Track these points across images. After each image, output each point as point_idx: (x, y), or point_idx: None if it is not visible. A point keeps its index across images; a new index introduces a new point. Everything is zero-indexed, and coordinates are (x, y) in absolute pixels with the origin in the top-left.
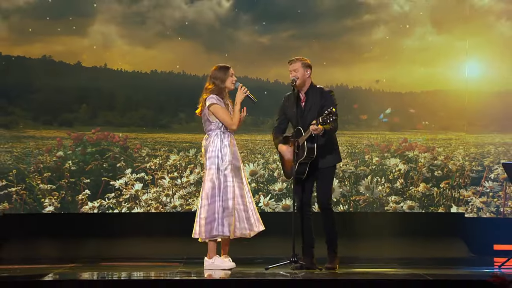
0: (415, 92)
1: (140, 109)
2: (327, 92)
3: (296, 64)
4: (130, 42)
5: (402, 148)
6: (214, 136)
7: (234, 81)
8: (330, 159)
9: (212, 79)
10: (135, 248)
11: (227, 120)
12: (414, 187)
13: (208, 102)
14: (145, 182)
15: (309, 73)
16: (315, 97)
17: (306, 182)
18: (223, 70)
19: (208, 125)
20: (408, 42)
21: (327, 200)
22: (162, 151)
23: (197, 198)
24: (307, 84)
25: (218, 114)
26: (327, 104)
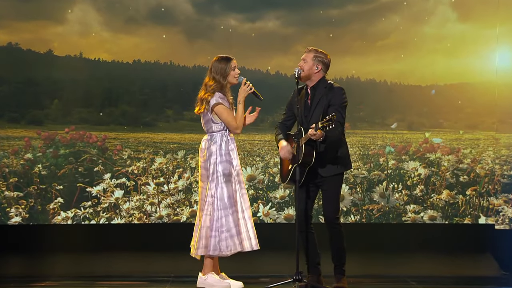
0: (437, 85)
1: (121, 105)
2: (337, 88)
3: (308, 54)
4: (110, 28)
5: (423, 149)
6: (220, 138)
7: (237, 75)
8: (335, 166)
9: (212, 74)
10: (115, 264)
11: (232, 123)
12: (436, 195)
13: (213, 101)
14: (126, 189)
15: (319, 69)
16: (322, 93)
17: (307, 191)
18: (224, 62)
19: (211, 125)
20: (428, 28)
21: (333, 214)
22: (146, 153)
23: (186, 207)
24: (314, 79)
25: (222, 116)
26: (334, 102)
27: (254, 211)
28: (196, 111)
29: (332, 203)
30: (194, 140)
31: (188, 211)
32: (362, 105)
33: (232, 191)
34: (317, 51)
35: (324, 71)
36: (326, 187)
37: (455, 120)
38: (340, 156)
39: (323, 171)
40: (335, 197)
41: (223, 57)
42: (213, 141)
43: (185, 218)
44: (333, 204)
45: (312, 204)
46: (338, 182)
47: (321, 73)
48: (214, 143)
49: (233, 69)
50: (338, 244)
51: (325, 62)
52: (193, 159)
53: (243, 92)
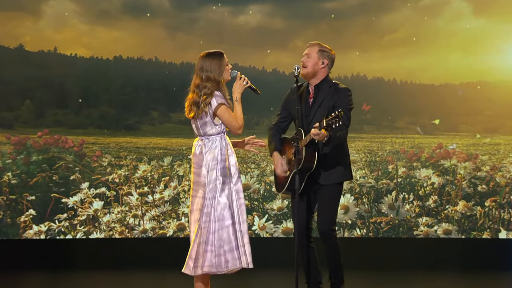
0: (452, 84)
1: (101, 105)
2: (343, 89)
3: (311, 49)
4: (87, 21)
5: (436, 155)
6: (219, 142)
7: (230, 71)
8: (336, 174)
9: (204, 72)
10: (94, 283)
11: (235, 124)
12: (451, 206)
13: (215, 103)
14: (106, 200)
15: (325, 64)
16: (326, 93)
17: (307, 201)
18: (217, 59)
19: (209, 128)
20: (442, 21)
21: (328, 225)
22: (128, 160)
23: (173, 220)
24: (319, 76)
25: (225, 117)
26: (340, 103)
27: (249, 224)
28: (191, 116)
29: (327, 214)
30: (182, 145)
31: (175, 224)
32: (366, 104)
33: (230, 201)
34: (321, 45)
35: (329, 68)
36: (322, 195)
37: (472, 123)
38: (342, 164)
39: (322, 178)
40: (331, 207)
41: (214, 52)
42: (212, 146)
43: (172, 232)
44: (328, 214)
45: (310, 214)
46: (337, 192)
47: (326, 70)
48: (213, 147)
49: (227, 65)
50: (334, 260)
51: (331, 58)
52: (180, 167)
53: (238, 88)
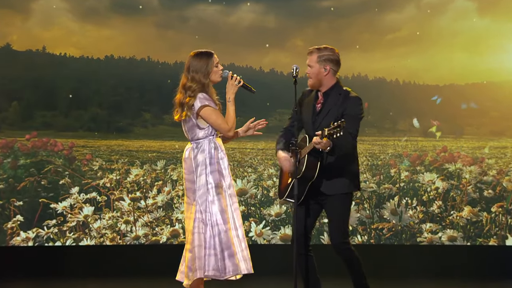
0: (457, 84)
1: (91, 107)
2: (353, 98)
3: (310, 58)
4: (77, 19)
5: (440, 159)
6: (207, 145)
7: (220, 71)
8: (340, 184)
9: (191, 73)
10: None
11: (223, 126)
12: (456, 212)
13: (197, 104)
14: (97, 205)
15: (327, 70)
16: (335, 101)
17: (306, 208)
18: (204, 59)
19: (196, 132)
20: (446, 20)
21: (340, 239)
22: (120, 164)
23: (167, 226)
24: (326, 84)
25: (211, 119)
26: (349, 112)
27: (245, 231)
28: (177, 118)
29: (336, 226)
30: (176, 149)
31: (169, 231)
32: (368, 104)
33: (225, 206)
34: (320, 49)
35: (334, 70)
36: (330, 207)
37: (477, 125)
38: (349, 174)
39: (327, 188)
40: (339, 219)
41: (202, 52)
42: (200, 150)
43: (165, 239)
44: (337, 227)
45: (312, 223)
46: (344, 202)
47: (332, 74)
48: (201, 151)
49: (216, 66)
50: (353, 272)
51: (333, 59)
52: (174, 171)
53: (231, 88)
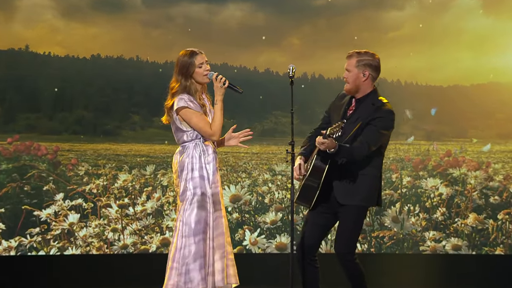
0: (462, 85)
1: (77, 109)
2: (385, 111)
3: (349, 62)
4: (63, 16)
5: (444, 164)
6: (192, 149)
7: (206, 72)
8: (357, 195)
9: (175, 73)
10: None
11: (205, 129)
12: (461, 219)
13: (176, 105)
14: (83, 212)
15: (366, 76)
16: (366, 111)
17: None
18: (186, 59)
19: (180, 135)
20: (451, 17)
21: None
22: (107, 169)
23: (156, 234)
24: (362, 90)
25: (191, 121)
26: (375, 123)
27: (239, 239)
28: (164, 120)
29: (343, 238)
30: (166, 153)
31: (159, 239)
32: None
33: (203, 215)
34: (360, 54)
35: (373, 77)
36: (341, 217)
37: (483, 127)
38: (366, 186)
39: (342, 197)
40: (348, 231)
41: (188, 52)
42: (185, 153)
43: (155, 248)
44: (344, 238)
45: (322, 232)
46: (357, 215)
47: (370, 81)
48: (186, 155)
49: (200, 66)
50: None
51: (373, 65)
52: (164, 176)
53: (218, 90)
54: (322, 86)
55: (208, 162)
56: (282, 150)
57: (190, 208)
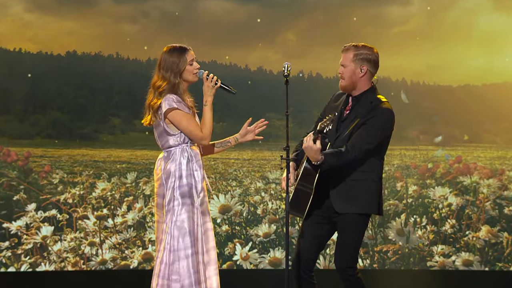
0: (473, 85)
1: (51, 111)
2: (383, 109)
3: (345, 56)
4: (35, 9)
5: (454, 171)
6: (179, 155)
7: (196, 70)
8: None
9: (161, 70)
10: None
11: (196, 133)
12: (472, 232)
13: (165, 107)
14: (57, 224)
15: (364, 72)
16: (363, 109)
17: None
18: (176, 55)
19: (166, 139)
20: (461, 11)
21: (344, 265)
22: (84, 176)
23: (138, 248)
24: (360, 87)
25: (181, 124)
26: (372, 122)
27: (229, 254)
28: (145, 122)
29: (344, 250)
30: (149, 159)
31: (141, 254)
32: None
33: (193, 226)
34: (357, 47)
35: (372, 73)
36: (340, 227)
37: (496, 131)
38: (366, 191)
39: (339, 205)
40: (348, 242)
41: (175, 47)
42: (170, 159)
43: (137, 264)
44: (344, 251)
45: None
46: (357, 224)
47: (368, 77)
48: (172, 162)
49: (190, 64)
50: None
51: (371, 59)
52: (147, 184)
53: (208, 90)
54: (320, 85)
55: (196, 169)
56: (276, 156)
57: (179, 220)
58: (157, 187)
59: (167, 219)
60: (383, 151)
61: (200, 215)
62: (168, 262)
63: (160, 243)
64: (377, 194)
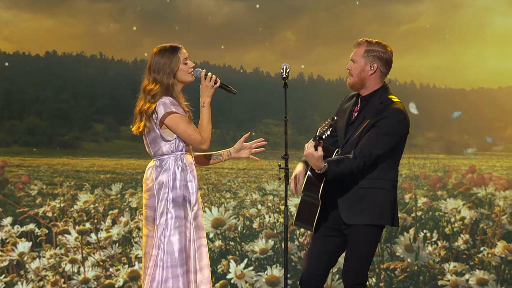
0: (488, 89)
1: (28, 116)
2: (393, 110)
3: (357, 50)
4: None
5: (467, 182)
6: (172, 164)
7: (191, 69)
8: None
9: (152, 73)
10: None
11: (195, 137)
12: (487, 248)
13: (161, 110)
14: (35, 240)
15: (374, 69)
16: (373, 110)
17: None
18: (168, 55)
19: (159, 146)
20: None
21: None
22: (65, 188)
23: (124, 266)
24: (369, 86)
25: (179, 128)
26: (380, 125)
27: (222, 272)
28: (135, 130)
29: (353, 265)
30: (136, 168)
31: (127, 272)
32: None
33: (185, 242)
34: (371, 43)
35: (383, 72)
36: (351, 239)
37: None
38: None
39: (347, 215)
40: (358, 256)
41: (165, 47)
42: (163, 169)
43: (122, 282)
44: (353, 265)
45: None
46: (368, 237)
47: (379, 76)
48: (165, 171)
49: (184, 63)
50: None
51: (384, 58)
52: (133, 196)
53: (206, 90)
54: (321, 89)
55: (190, 179)
56: (274, 165)
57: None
58: (146, 198)
59: (158, 233)
60: (396, 156)
61: (193, 230)
62: (160, 280)
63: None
64: (391, 203)
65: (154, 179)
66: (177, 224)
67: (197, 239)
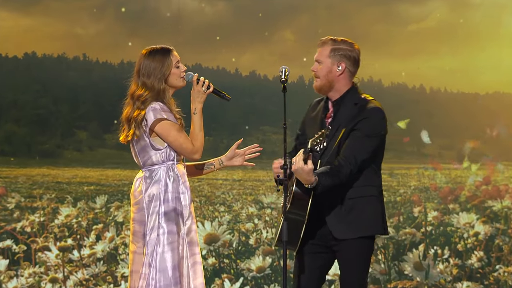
0: (503, 93)
1: (5, 123)
2: (372, 110)
3: (321, 50)
4: None
5: (481, 194)
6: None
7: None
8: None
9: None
10: None
11: (186, 146)
12: (503, 266)
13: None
14: (13, 257)
15: (342, 69)
16: (348, 113)
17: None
18: (158, 58)
19: (148, 155)
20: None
21: None
22: (45, 201)
23: (109, 285)
24: (338, 88)
25: (170, 137)
26: (361, 127)
27: None
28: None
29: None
30: (122, 179)
31: None
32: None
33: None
34: (336, 41)
35: (351, 72)
36: (341, 256)
37: None
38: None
39: (337, 230)
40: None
41: (156, 49)
42: (153, 179)
43: None
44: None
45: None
46: (361, 249)
47: (348, 76)
48: (155, 182)
49: (176, 66)
50: None
51: (351, 56)
52: (119, 209)
53: (198, 95)
54: None
55: (183, 191)
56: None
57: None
58: (134, 212)
59: (149, 250)
60: (378, 160)
61: (186, 246)
62: None
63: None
64: (380, 211)
65: (144, 191)
66: (169, 239)
67: (190, 255)
